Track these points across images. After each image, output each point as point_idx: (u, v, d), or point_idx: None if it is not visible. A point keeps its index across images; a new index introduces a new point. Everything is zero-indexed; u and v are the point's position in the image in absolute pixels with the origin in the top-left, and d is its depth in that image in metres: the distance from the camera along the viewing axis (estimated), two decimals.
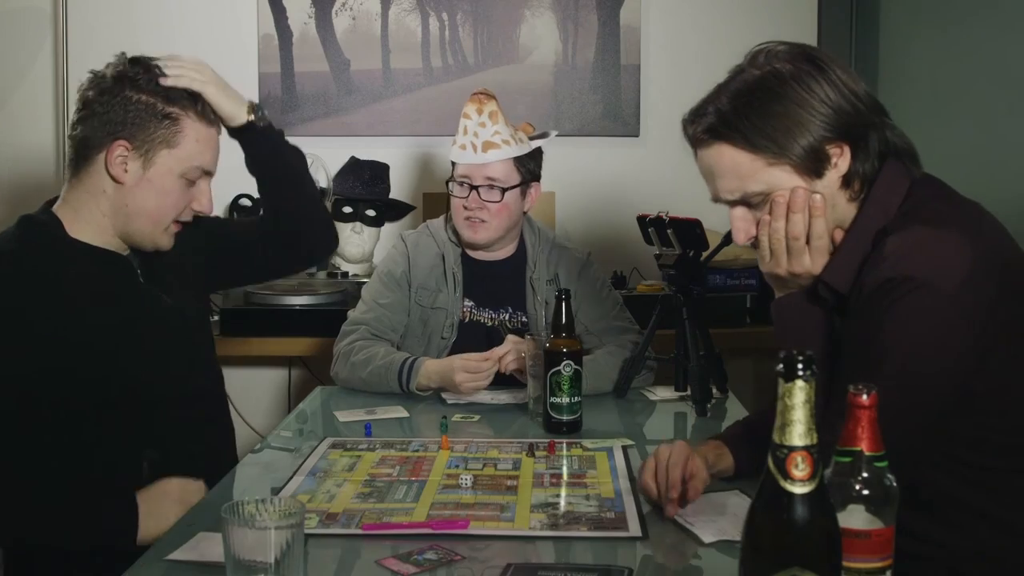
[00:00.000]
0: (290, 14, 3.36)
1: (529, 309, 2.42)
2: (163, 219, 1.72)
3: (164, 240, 1.75)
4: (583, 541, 1.40)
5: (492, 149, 2.34)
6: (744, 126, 1.41)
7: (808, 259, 1.46)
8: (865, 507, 0.99)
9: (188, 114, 1.70)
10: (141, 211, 1.69)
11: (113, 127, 1.66)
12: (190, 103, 1.71)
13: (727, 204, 1.50)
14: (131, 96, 1.67)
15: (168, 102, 1.68)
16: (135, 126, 1.66)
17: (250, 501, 1.15)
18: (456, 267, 2.41)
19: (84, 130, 1.68)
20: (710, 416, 2.09)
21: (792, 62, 1.42)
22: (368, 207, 3.14)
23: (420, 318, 2.40)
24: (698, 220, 2.13)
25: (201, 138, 1.72)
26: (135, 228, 1.71)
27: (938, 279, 1.30)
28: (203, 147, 1.72)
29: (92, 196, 1.69)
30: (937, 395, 1.34)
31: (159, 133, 1.67)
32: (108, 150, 1.66)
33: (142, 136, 1.66)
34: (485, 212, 2.36)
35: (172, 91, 1.69)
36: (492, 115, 2.35)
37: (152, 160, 1.67)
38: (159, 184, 1.69)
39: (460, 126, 2.37)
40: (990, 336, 1.32)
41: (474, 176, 2.35)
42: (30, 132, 3.42)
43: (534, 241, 2.47)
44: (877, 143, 1.43)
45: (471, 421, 2.06)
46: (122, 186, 1.68)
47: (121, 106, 1.66)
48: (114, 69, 1.70)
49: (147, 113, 1.66)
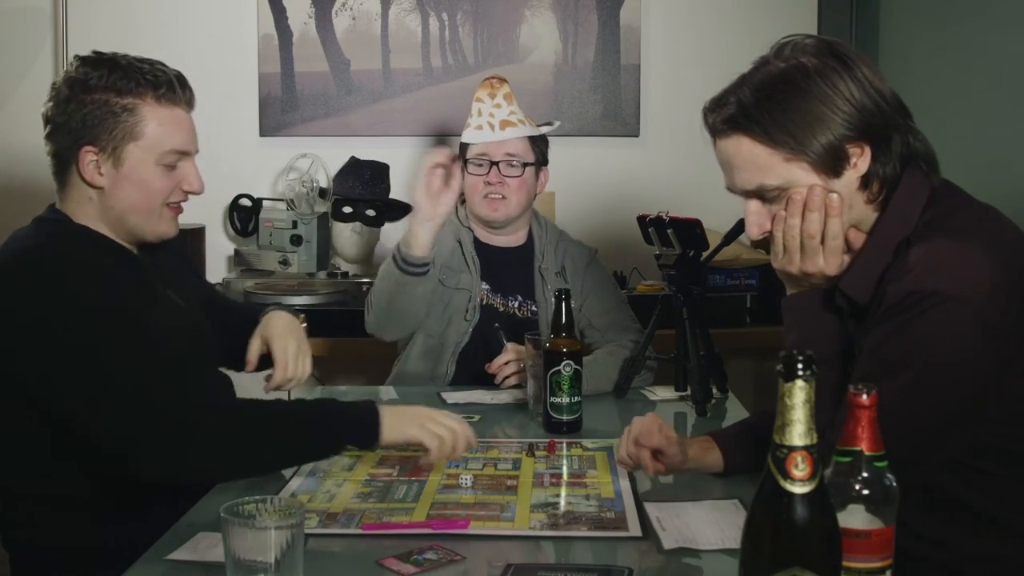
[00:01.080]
0: (290, 14, 3.36)
1: (538, 298, 2.44)
2: (152, 208, 1.69)
3: (163, 226, 1.72)
4: (583, 541, 1.40)
5: (509, 127, 2.41)
6: (764, 119, 1.39)
7: (822, 259, 1.44)
8: (865, 507, 0.99)
9: (145, 100, 1.64)
10: (128, 208, 1.67)
11: (76, 135, 1.62)
12: (145, 88, 1.64)
13: (742, 196, 1.49)
14: (84, 99, 1.62)
15: (120, 94, 1.62)
16: (95, 128, 1.62)
17: (250, 501, 1.15)
18: (472, 250, 2.44)
19: (52, 145, 1.66)
20: (710, 416, 2.09)
21: (818, 57, 1.40)
22: (368, 207, 3.14)
23: (441, 298, 2.39)
24: (698, 220, 2.13)
25: (164, 121, 1.66)
26: (131, 224, 1.69)
27: (963, 295, 1.29)
28: (169, 129, 1.67)
29: (80, 205, 1.67)
30: (952, 405, 1.33)
31: (120, 128, 1.63)
32: (78, 159, 1.63)
33: (105, 136, 1.62)
34: (505, 188, 2.40)
35: (123, 80, 1.63)
36: (507, 96, 2.43)
37: (122, 157, 1.64)
38: (136, 178, 1.65)
39: (473, 109, 2.43)
40: (1011, 349, 1.32)
41: (493, 153, 2.40)
42: (30, 132, 3.40)
43: (541, 233, 2.50)
44: (899, 146, 1.41)
45: (471, 421, 2.05)
46: (102, 190, 1.65)
47: (78, 112, 1.62)
48: (65, 76, 1.65)
49: (103, 111, 1.62)
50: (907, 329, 1.32)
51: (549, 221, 2.57)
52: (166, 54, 1.78)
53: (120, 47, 1.74)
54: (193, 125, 1.73)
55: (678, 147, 3.31)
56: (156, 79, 1.65)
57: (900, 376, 1.31)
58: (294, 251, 3.16)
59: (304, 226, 3.16)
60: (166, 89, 1.66)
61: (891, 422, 0.99)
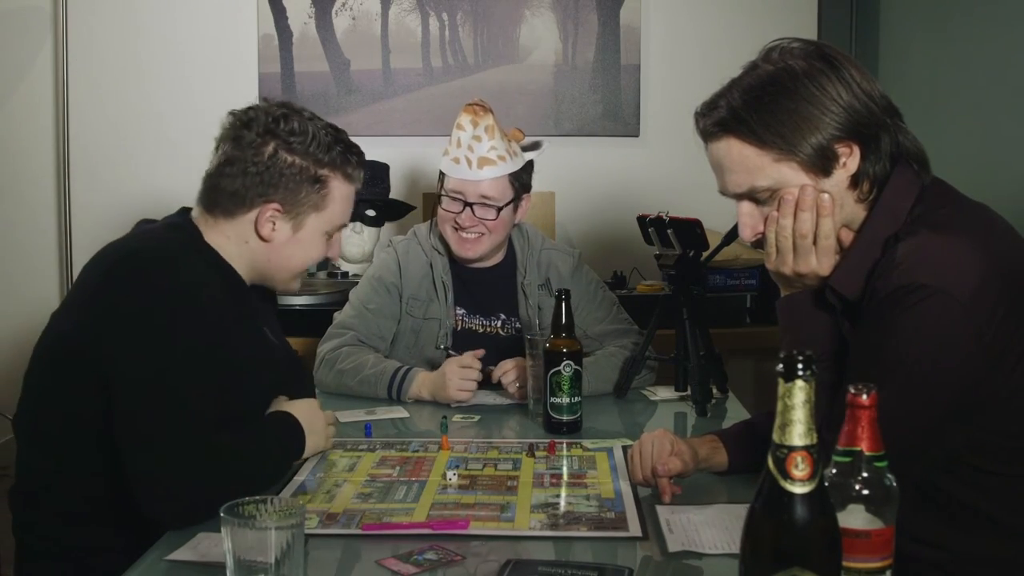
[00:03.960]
0: (290, 14, 3.36)
1: (522, 315, 2.40)
2: (303, 272, 1.78)
3: (295, 285, 1.80)
4: (583, 541, 1.40)
5: (488, 166, 2.28)
6: (753, 120, 1.41)
7: (814, 259, 1.45)
8: (865, 507, 0.99)
9: (336, 175, 1.70)
10: (285, 267, 1.73)
11: (265, 189, 1.65)
12: (339, 162, 1.70)
13: (734, 198, 1.50)
14: (285, 159, 1.65)
15: (319, 165, 1.68)
16: (288, 191, 1.66)
17: (250, 501, 1.15)
18: (445, 276, 2.37)
19: (233, 183, 1.66)
20: (710, 416, 2.09)
21: (806, 59, 1.42)
22: (368, 207, 3.14)
23: (411, 328, 2.36)
24: (698, 220, 2.13)
25: (345, 197, 1.73)
26: (272, 276, 1.74)
27: (951, 288, 1.30)
28: (346, 206, 1.75)
29: (232, 242, 1.69)
30: (944, 401, 1.33)
31: (310, 197, 1.68)
32: (260, 211, 1.66)
33: (293, 199, 1.67)
34: (479, 227, 2.31)
35: (321, 150, 1.68)
36: (488, 129, 2.29)
37: (302, 223, 1.69)
38: (306, 244, 1.72)
39: (453, 137, 2.30)
40: (1001, 343, 1.32)
41: (468, 192, 2.29)
42: (30, 132, 3.42)
43: (523, 246, 2.43)
44: (888, 145, 1.43)
45: (471, 421, 2.06)
46: (269, 244, 1.69)
47: (275, 169, 1.65)
48: (264, 122, 1.66)
49: (300, 177, 1.66)
50: (896, 325, 1.33)
51: (531, 229, 2.46)
52: (166, 54, 1.79)
53: (120, 47, 1.75)
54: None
55: (678, 147, 3.31)
56: (347, 157, 1.72)
57: (892, 373, 1.32)
58: None
59: None
60: (353, 168, 1.73)
61: (886, 420, 0.99)
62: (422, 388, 2.17)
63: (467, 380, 2.13)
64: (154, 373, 1.49)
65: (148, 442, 1.47)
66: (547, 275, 2.41)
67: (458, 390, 2.13)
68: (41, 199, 3.47)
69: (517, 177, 2.33)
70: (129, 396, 1.50)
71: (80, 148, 3.43)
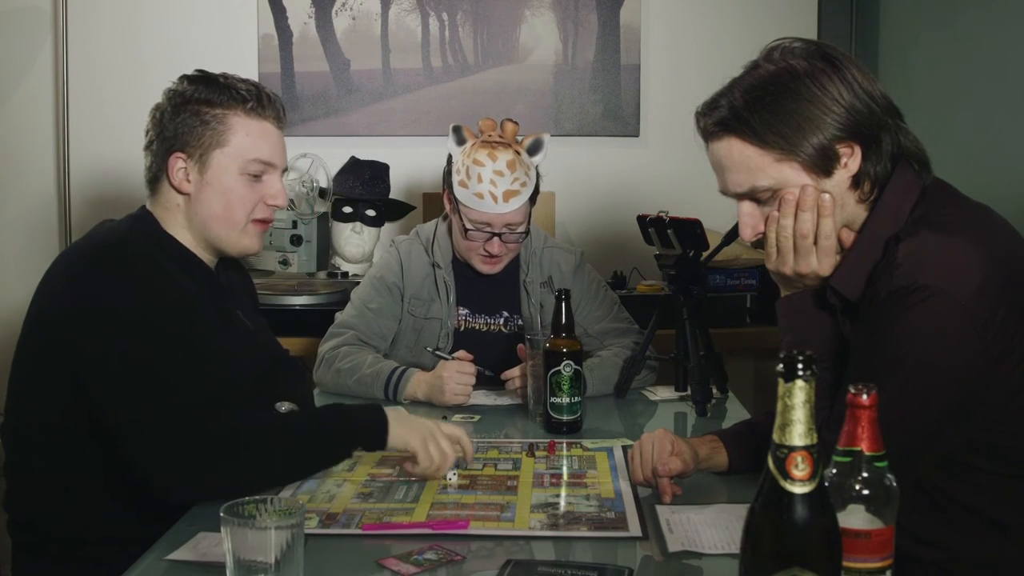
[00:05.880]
0: (290, 14, 3.36)
1: (524, 313, 2.41)
2: (235, 219, 1.72)
3: (247, 241, 1.75)
4: (583, 541, 1.40)
5: (513, 197, 2.27)
6: (754, 120, 1.41)
7: (815, 259, 1.45)
8: (865, 507, 0.99)
9: (235, 111, 1.70)
10: (211, 215, 1.71)
11: (169, 143, 1.69)
12: (236, 100, 1.70)
13: (735, 198, 1.50)
14: (179, 110, 1.69)
15: (212, 105, 1.69)
16: (186, 135, 1.68)
17: (250, 501, 1.15)
18: (448, 276, 2.38)
19: (149, 156, 1.72)
20: (710, 416, 2.09)
21: (807, 59, 1.42)
22: (368, 207, 3.14)
23: (412, 328, 2.37)
24: (698, 220, 2.13)
25: (251, 132, 1.71)
26: (213, 235, 1.73)
27: (951, 289, 1.30)
28: (255, 139, 1.72)
29: (168, 212, 1.72)
30: (945, 401, 1.33)
31: (207, 136, 1.68)
32: (167, 166, 1.69)
33: (194, 143, 1.68)
34: (504, 249, 2.32)
35: (216, 93, 1.70)
36: (510, 164, 2.27)
37: (207, 163, 1.69)
38: (219, 184, 1.70)
39: (472, 172, 2.26)
40: (1001, 343, 1.32)
41: (495, 224, 2.28)
42: (30, 132, 3.42)
43: (526, 244, 2.43)
44: (890, 145, 1.43)
45: (471, 421, 2.06)
46: (188, 197, 1.70)
47: (172, 122, 1.69)
48: (166, 91, 1.72)
49: (194, 120, 1.68)
50: (897, 325, 1.33)
51: (533, 228, 2.46)
52: (166, 54, 1.79)
53: (120, 47, 1.76)
54: (282, 140, 1.78)
55: (678, 147, 3.30)
56: (247, 93, 1.71)
57: (892, 374, 1.32)
58: (294, 251, 3.16)
59: (304, 226, 3.16)
60: (255, 103, 1.72)
61: (886, 421, 0.99)
62: (417, 389, 2.18)
63: (464, 385, 2.14)
64: (129, 362, 1.51)
65: (141, 427, 1.49)
66: (549, 273, 2.42)
67: (455, 395, 2.13)
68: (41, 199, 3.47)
69: (532, 195, 2.34)
70: (112, 391, 1.52)
71: (80, 148, 3.43)
